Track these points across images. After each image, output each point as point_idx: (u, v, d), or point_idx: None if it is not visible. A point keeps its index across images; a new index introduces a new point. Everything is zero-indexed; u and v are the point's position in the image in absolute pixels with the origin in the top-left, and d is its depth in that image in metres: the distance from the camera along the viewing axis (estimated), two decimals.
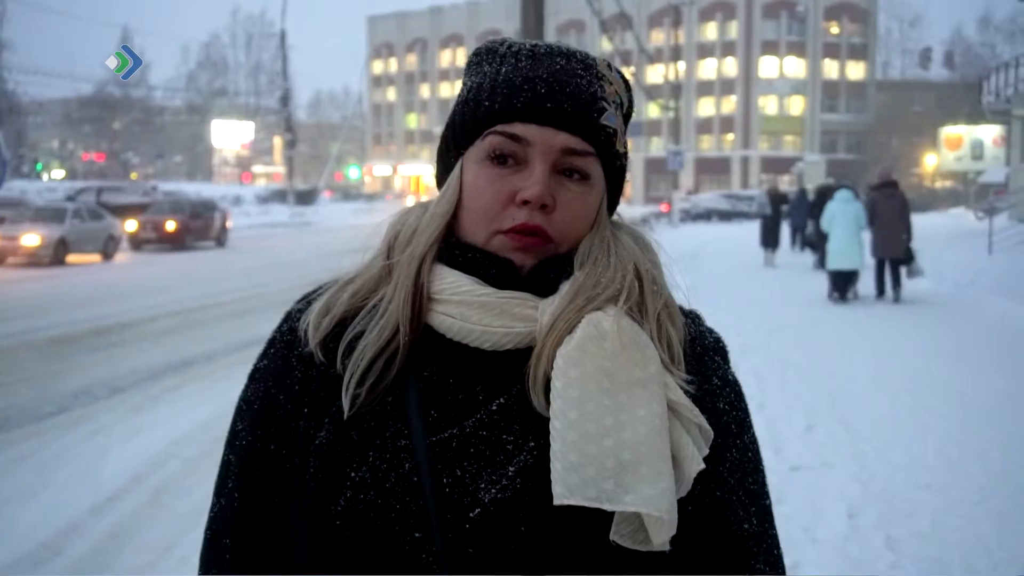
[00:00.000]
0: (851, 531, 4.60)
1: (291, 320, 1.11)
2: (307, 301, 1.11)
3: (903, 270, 13.80)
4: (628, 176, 1.13)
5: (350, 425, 1.00)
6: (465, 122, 1.06)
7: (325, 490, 0.98)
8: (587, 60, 1.06)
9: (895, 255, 13.74)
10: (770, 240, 20.33)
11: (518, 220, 1.01)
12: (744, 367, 8.40)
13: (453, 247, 1.05)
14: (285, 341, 1.09)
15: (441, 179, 1.10)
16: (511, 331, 1.00)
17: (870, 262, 14.08)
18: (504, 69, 1.05)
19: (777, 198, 21.74)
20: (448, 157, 1.09)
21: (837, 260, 13.73)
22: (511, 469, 0.95)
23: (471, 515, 0.94)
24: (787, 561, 1.05)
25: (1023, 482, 5.47)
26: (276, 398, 1.07)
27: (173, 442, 6.22)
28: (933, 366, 8.93)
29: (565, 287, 1.02)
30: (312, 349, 1.05)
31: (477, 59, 1.10)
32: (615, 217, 1.11)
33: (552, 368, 0.97)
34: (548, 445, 0.94)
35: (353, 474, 0.97)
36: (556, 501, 0.90)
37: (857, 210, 13.91)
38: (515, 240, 1.01)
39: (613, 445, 0.92)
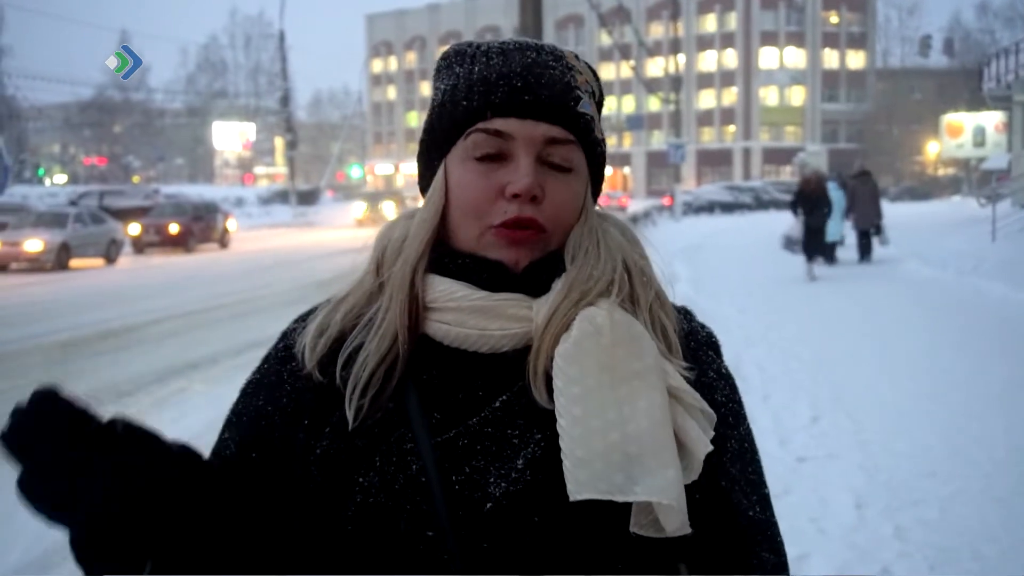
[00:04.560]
0: (859, 521, 4.60)
1: (286, 339, 1.12)
2: (303, 321, 1.12)
3: (875, 239, 18.11)
4: (628, 170, 1.12)
5: (354, 434, 1.00)
6: (444, 124, 1.06)
7: (332, 497, 0.98)
8: (556, 52, 1.07)
9: (869, 227, 18.01)
10: (814, 246, 15.75)
11: (509, 214, 1.01)
12: (747, 359, 8.41)
13: (443, 255, 1.05)
14: (279, 357, 1.10)
15: (424, 185, 1.10)
16: (507, 332, 1.01)
17: (850, 236, 18.51)
18: (476, 68, 1.05)
19: (814, 197, 16.08)
20: (430, 162, 1.09)
21: (827, 234, 17.15)
22: (519, 462, 0.96)
23: (483, 510, 0.94)
24: (795, 552, 1.06)
25: None
26: (264, 410, 1.07)
27: None
28: (937, 354, 8.93)
29: (558, 284, 1.02)
30: (310, 370, 1.05)
31: (446, 63, 1.10)
32: (598, 208, 1.11)
33: (551, 364, 0.98)
34: (555, 436, 0.95)
35: (362, 479, 0.97)
36: (572, 497, 0.91)
37: (840, 197, 17.77)
38: (508, 236, 1.02)
39: (619, 440, 0.93)
